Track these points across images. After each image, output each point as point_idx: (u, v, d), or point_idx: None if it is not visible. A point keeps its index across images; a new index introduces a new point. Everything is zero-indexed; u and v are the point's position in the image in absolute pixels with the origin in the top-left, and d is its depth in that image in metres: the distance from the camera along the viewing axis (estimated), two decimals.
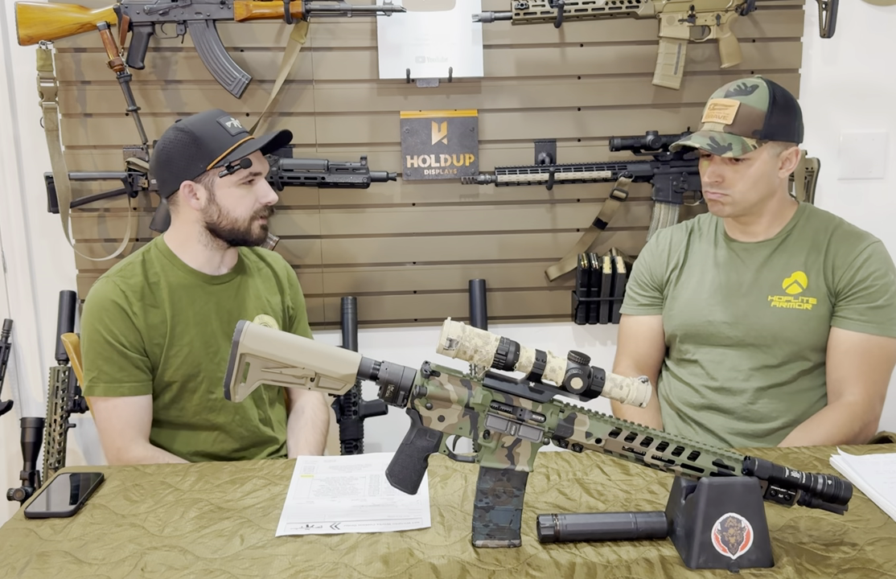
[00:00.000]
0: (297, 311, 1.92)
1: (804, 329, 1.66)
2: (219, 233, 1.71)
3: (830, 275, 1.66)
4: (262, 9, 2.13)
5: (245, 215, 1.71)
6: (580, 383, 1.11)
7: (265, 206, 1.73)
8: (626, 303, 1.93)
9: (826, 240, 1.69)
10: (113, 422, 1.64)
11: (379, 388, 1.15)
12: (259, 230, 1.74)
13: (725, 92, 1.68)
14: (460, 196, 2.39)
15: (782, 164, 1.66)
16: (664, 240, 1.89)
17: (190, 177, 1.67)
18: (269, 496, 1.35)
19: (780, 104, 1.63)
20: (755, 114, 1.62)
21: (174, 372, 1.69)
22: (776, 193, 1.70)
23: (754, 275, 1.72)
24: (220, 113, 1.73)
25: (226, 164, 1.66)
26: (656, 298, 1.87)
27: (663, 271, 1.85)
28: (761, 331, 1.69)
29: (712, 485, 1.12)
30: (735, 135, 1.62)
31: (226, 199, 1.69)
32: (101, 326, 1.63)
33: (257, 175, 1.72)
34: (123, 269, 1.70)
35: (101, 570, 1.13)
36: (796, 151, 1.67)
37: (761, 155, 1.63)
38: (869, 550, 1.15)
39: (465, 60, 2.27)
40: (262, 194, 1.73)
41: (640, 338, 1.87)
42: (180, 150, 1.67)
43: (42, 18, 2.12)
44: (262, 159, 1.75)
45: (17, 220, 2.36)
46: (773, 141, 1.63)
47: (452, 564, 1.12)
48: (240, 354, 1.12)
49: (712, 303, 1.74)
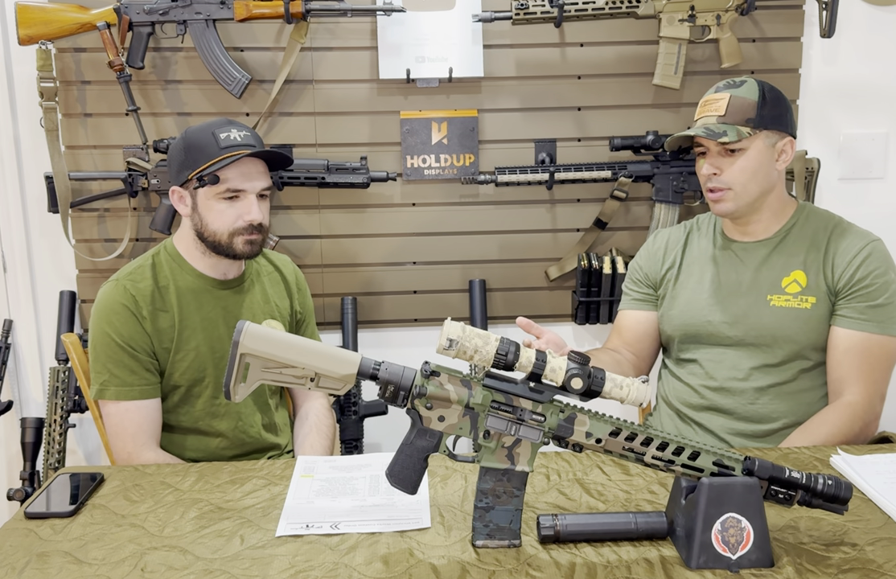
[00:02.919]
0: (305, 315, 1.92)
1: (804, 328, 1.66)
2: (204, 242, 1.69)
3: (830, 273, 1.66)
4: (262, 9, 2.13)
5: (223, 230, 1.66)
6: (580, 383, 1.11)
7: (249, 225, 1.67)
8: (622, 301, 1.94)
9: (825, 238, 1.68)
10: (125, 426, 1.63)
11: (379, 388, 1.15)
12: (243, 246, 1.67)
13: (715, 88, 1.70)
14: (460, 196, 2.39)
15: (778, 156, 1.67)
16: (661, 240, 1.90)
17: (178, 184, 1.68)
18: (269, 496, 1.35)
19: (770, 97, 1.65)
20: (746, 103, 1.63)
21: (180, 376, 1.69)
22: (775, 188, 1.70)
23: (753, 275, 1.72)
24: (225, 122, 1.68)
25: (199, 177, 1.63)
26: (650, 295, 1.87)
27: (658, 270, 1.86)
28: (761, 330, 1.69)
29: (712, 485, 1.11)
30: (729, 124, 1.64)
31: (206, 212, 1.66)
32: (111, 329, 1.63)
33: (240, 192, 1.65)
34: (133, 273, 1.69)
35: (101, 570, 1.13)
36: (791, 142, 1.67)
37: (755, 143, 1.64)
38: (869, 550, 1.15)
39: (465, 60, 2.27)
40: (245, 212, 1.66)
41: (630, 328, 1.88)
42: (175, 155, 1.68)
43: (42, 18, 2.12)
44: (254, 176, 1.67)
45: (17, 220, 2.36)
46: (768, 130, 1.64)
47: (452, 564, 1.12)
48: (240, 354, 1.11)
49: (711, 303, 1.74)
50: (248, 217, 1.67)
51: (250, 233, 1.68)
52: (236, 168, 1.65)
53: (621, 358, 1.82)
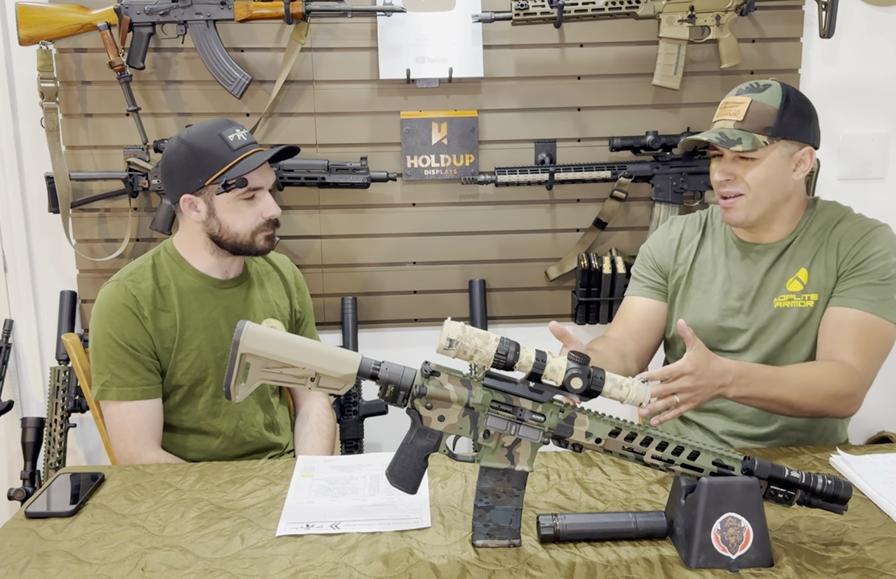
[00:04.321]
0: (304, 314, 1.92)
1: (804, 328, 1.63)
2: (222, 245, 1.69)
3: (835, 261, 1.61)
4: (263, 9, 2.13)
5: (246, 230, 1.67)
6: (580, 383, 1.11)
7: (268, 221, 1.69)
8: (631, 286, 1.87)
9: (831, 229, 1.64)
10: (127, 426, 1.63)
11: (379, 388, 1.15)
12: (263, 242, 1.70)
13: (737, 91, 1.63)
14: (460, 196, 2.39)
15: (796, 166, 1.60)
16: (676, 230, 1.83)
17: (189, 192, 1.65)
18: (269, 496, 1.35)
19: (794, 104, 1.58)
20: (766, 110, 1.57)
21: (182, 376, 1.69)
22: (791, 197, 1.63)
23: (763, 278, 1.67)
24: (225, 124, 1.67)
25: (222, 182, 1.62)
26: (661, 285, 1.81)
27: (671, 262, 1.80)
28: (766, 333, 1.66)
29: (712, 485, 1.12)
30: (745, 131, 1.58)
31: (225, 215, 1.66)
32: (113, 330, 1.63)
33: (258, 189, 1.67)
34: (134, 273, 1.69)
35: (102, 570, 1.13)
36: (811, 152, 1.60)
37: (772, 152, 1.57)
38: (868, 550, 1.15)
39: (465, 60, 2.27)
40: (265, 209, 1.68)
41: (638, 316, 1.81)
42: (181, 163, 1.65)
43: (42, 19, 2.12)
44: (267, 172, 1.69)
45: (17, 220, 2.36)
46: (786, 140, 1.57)
47: (452, 564, 1.12)
48: (240, 354, 1.12)
49: (722, 309, 1.70)
50: (268, 213, 1.69)
51: (270, 228, 1.71)
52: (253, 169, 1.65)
53: (626, 350, 1.76)
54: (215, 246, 1.70)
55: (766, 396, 1.46)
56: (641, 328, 1.81)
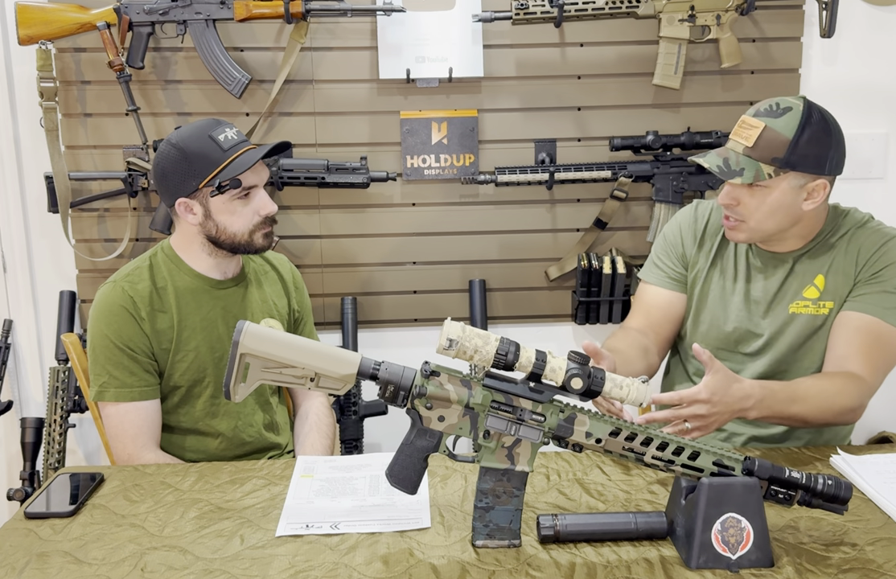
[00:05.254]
0: (303, 314, 1.92)
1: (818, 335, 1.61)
2: (220, 245, 1.68)
3: (853, 267, 1.59)
4: (262, 9, 2.13)
5: (243, 229, 1.67)
6: (580, 383, 1.11)
7: (265, 218, 1.69)
8: (649, 269, 1.81)
9: (850, 236, 1.61)
10: (125, 428, 1.63)
11: (379, 388, 1.15)
12: (262, 240, 1.69)
13: (756, 111, 1.56)
14: (460, 196, 2.39)
15: (807, 196, 1.54)
16: (703, 213, 1.77)
17: (184, 195, 1.64)
18: (269, 496, 1.35)
19: (813, 133, 1.50)
20: (778, 140, 1.49)
21: (180, 376, 1.69)
22: (801, 221, 1.58)
23: (779, 285, 1.65)
24: (214, 124, 1.66)
25: (216, 184, 1.61)
26: (682, 275, 1.76)
27: (693, 247, 1.75)
28: (782, 339, 1.64)
29: (712, 485, 1.12)
30: (752, 159, 1.51)
31: (222, 216, 1.65)
32: (110, 331, 1.62)
33: (253, 188, 1.66)
34: (131, 274, 1.68)
35: (101, 570, 1.13)
36: (824, 185, 1.53)
37: (780, 184, 1.52)
38: (869, 550, 1.15)
39: (465, 60, 2.27)
40: (261, 206, 1.67)
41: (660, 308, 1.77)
42: (173, 167, 1.63)
43: (42, 18, 2.12)
44: (260, 169, 1.68)
45: (17, 220, 2.36)
46: (796, 172, 1.50)
47: (452, 564, 1.12)
48: (240, 354, 1.12)
49: (742, 311, 1.68)
50: (265, 211, 1.68)
51: (268, 225, 1.70)
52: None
53: (648, 345, 1.71)
54: (213, 246, 1.70)
55: (785, 414, 1.46)
56: (662, 319, 1.78)
